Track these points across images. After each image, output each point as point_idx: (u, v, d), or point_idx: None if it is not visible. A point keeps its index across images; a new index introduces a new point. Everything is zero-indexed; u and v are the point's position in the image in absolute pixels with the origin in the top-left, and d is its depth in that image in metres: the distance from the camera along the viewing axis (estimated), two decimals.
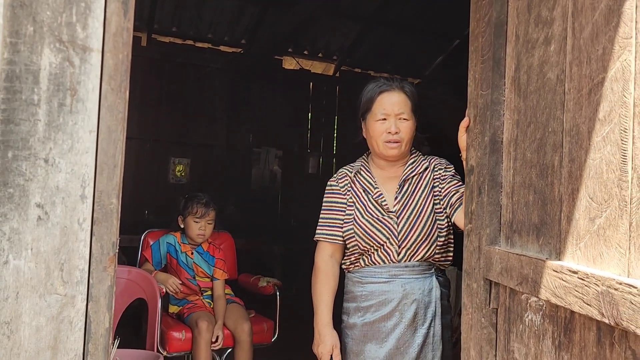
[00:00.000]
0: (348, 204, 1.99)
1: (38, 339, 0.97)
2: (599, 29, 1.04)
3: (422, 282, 1.90)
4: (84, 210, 1.00)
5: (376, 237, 1.91)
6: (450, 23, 5.80)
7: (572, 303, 1.03)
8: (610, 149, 0.99)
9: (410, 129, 1.95)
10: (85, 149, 1.01)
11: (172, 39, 5.79)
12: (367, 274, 1.93)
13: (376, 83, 2.00)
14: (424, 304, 1.88)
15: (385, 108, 1.93)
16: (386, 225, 1.91)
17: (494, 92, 1.43)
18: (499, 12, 1.44)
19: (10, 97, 0.96)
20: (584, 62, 1.08)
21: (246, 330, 2.94)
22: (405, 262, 1.90)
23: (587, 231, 1.05)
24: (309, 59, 6.46)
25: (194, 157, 6.01)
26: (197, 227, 3.09)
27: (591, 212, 1.04)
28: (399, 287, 1.88)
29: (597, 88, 1.04)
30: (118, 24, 1.04)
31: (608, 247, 0.99)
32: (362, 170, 2.03)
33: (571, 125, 1.12)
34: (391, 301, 1.87)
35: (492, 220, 1.42)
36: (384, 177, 2.01)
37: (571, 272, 1.04)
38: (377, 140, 1.95)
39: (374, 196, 1.96)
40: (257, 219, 5.97)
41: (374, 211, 1.94)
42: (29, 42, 0.97)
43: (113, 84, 1.03)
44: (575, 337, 1.08)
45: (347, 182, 2.02)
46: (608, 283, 0.93)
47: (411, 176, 1.98)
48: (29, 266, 0.96)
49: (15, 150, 0.96)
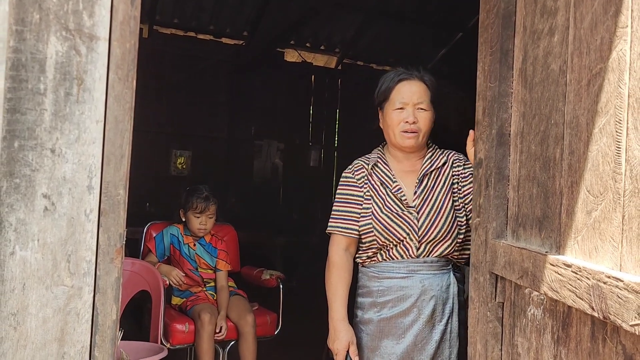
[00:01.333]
0: (365, 197, 1.93)
1: (45, 331, 0.96)
2: (597, 19, 1.03)
3: (441, 278, 1.86)
4: (91, 201, 0.99)
5: (396, 233, 1.86)
6: (453, 15, 5.77)
7: (567, 297, 1.02)
8: (606, 140, 0.98)
9: (428, 119, 1.90)
10: (92, 139, 1.00)
11: (174, 31, 5.77)
12: (385, 269, 1.88)
13: (396, 72, 1.95)
14: (442, 300, 1.85)
15: (404, 97, 1.89)
16: (406, 220, 1.87)
17: (502, 84, 1.42)
18: (507, 2, 1.42)
19: (16, 86, 0.95)
20: (584, 52, 1.07)
21: (250, 323, 2.94)
22: (424, 257, 1.86)
23: (584, 224, 1.04)
24: (311, 51, 6.44)
25: (195, 149, 6.00)
26: (198, 222, 3.09)
27: (588, 205, 1.03)
28: (418, 283, 1.84)
29: (595, 79, 1.03)
30: (125, 12, 1.03)
31: (603, 240, 0.99)
32: (380, 162, 1.97)
33: (571, 117, 1.11)
34: (410, 297, 1.84)
35: (498, 214, 1.41)
36: (402, 171, 1.95)
37: (566, 265, 1.03)
38: (393, 129, 1.90)
39: (392, 190, 1.90)
40: (258, 211, 5.96)
41: (393, 206, 1.89)
42: (35, 30, 0.96)
43: (120, 73, 1.02)
44: (572, 332, 1.07)
45: (363, 174, 1.95)
46: (598, 276, 0.93)
47: (430, 171, 1.93)
48: (35, 257, 0.96)
49: (22, 140, 0.95)
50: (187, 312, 3.00)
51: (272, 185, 6.49)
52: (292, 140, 6.57)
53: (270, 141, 6.40)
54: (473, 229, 1.52)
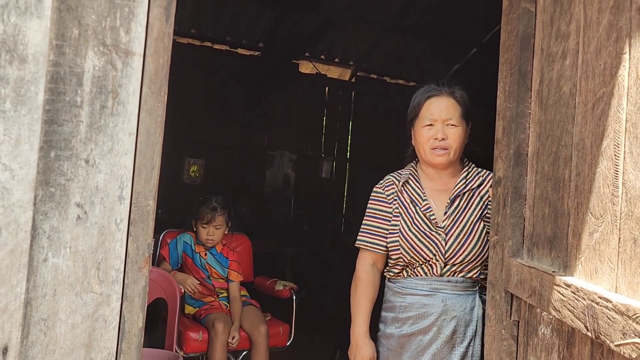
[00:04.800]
0: (394, 213, 1.90)
1: (73, 336, 0.99)
2: (601, 44, 1.06)
3: (465, 299, 1.82)
4: (122, 211, 1.02)
5: (422, 253, 1.83)
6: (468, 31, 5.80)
7: (566, 316, 1.04)
8: (607, 163, 1.00)
9: (459, 135, 1.85)
10: (125, 150, 1.03)
11: (191, 41, 5.85)
12: (408, 285, 1.86)
13: (426, 88, 1.92)
14: (464, 321, 1.80)
15: (433, 113, 1.85)
16: (434, 241, 1.83)
17: (520, 105, 1.44)
18: (525, 25, 1.45)
19: (55, 98, 0.98)
20: (590, 76, 1.10)
21: (263, 333, 2.95)
22: (449, 277, 1.83)
23: (587, 246, 1.06)
24: (325, 63, 6.49)
25: (208, 158, 6.04)
26: (205, 233, 3.10)
27: (590, 226, 1.05)
28: (440, 302, 1.81)
29: (598, 103, 1.05)
30: (160, 29, 1.06)
31: (602, 261, 1.01)
32: (411, 179, 1.93)
33: (578, 139, 1.13)
34: (430, 315, 1.81)
35: (514, 233, 1.43)
36: (434, 190, 1.91)
37: (566, 285, 1.06)
38: (423, 146, 1.86)
39: (422, 209, 1.87)
40: (270, 221, 5.99)
41: (421, 224, 1.85)
42: (74, 45, 1.00)
43: (153, 87, 1.06)
44: (575, 352, 1.09)
45: (393, 190, 1.93)
46: (592, 297, 0.95)
47: (463, 192, 1.88)
48: (67, 264, 0.99)
49: (58, 151, 0.98)
50: (201, 321, 3.02)
51: (283, 196, 6.51)
52: (304, 151, 6.61)
53: (283, 151, 6.44)
54: (491, 246, 1.54)
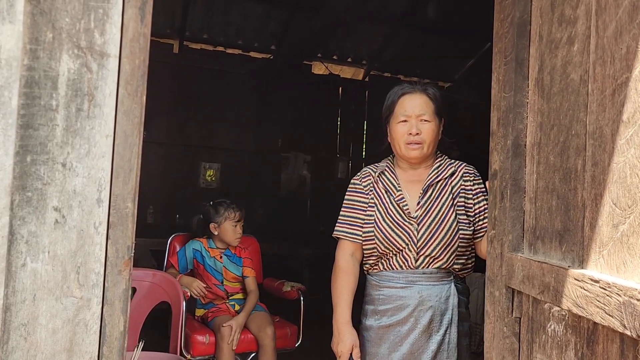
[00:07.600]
0: (370, 204, 1.97)
1: (54, 341, 0.98)
2: (622, 27, 1.01)
3: (440, 289, 1.88)
4: (100, 214, 1.02)
5: (395, 242, 1.90)
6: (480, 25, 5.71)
7: (594, 314, 0.99)
8: (635, 152, 0.95)
9: (432, 130, 1.94)
10: (102, 153, 1.02)
11: (203, 46, 5.89)
12: (385, 278, 1.93)
13: (399, 87, 2.02)
14: (440, 311, 1.86)
15: (406, 110, 1.95)
16: (406, 230, 1.90)
17: (517, 94, 1.40)
18: (522, 11, 1.41)
19: (30, 102, 0.98)
20: (608, 61, 1.05)
21: (269, 335, 2.94)
22: (423, 268, 1.89)
23: (610, 238, 1.01)
24: (338, 63, 6.47)
25: (223, 162, 6.07)
26: (235, 231, 3.14)
27: (614, 218, 1.00)
28: (416, 294, 1.87)
29: (620, 88, 1.00)
30: (135, 29, 1.05)
31: (632, 255, 0.95)
32: (387, 171, 2.02)
33: (594, 128, 1.08)
34: (407, 307, 1.87)
35: (514, 227, 1.39)
36: (408, 181, 1.99)
37: (593, 281, 1.00)
38: (398, 142, 1.95)
39: (396, 199, 1.95)
40: (286, 223, 5.98)
41: (395, 215, 1.93)
42: (48, 49, 0.99)
43: (130, 88, 1.05)
44: (598, 349, 1.04)
45: (370, 181, 2.01)
46: (630, 293, 0.89)
47: (436, 181, 1.95)
48: (46, 269, 0.98)
49: (34, 155, 0.98)
50: (208, 324, 3.02)
51: (299, 197, 6.50)
52: (319, 152, 6.59)
53: (297, 153, 6.44)
54: (488, 241, 1.50)
